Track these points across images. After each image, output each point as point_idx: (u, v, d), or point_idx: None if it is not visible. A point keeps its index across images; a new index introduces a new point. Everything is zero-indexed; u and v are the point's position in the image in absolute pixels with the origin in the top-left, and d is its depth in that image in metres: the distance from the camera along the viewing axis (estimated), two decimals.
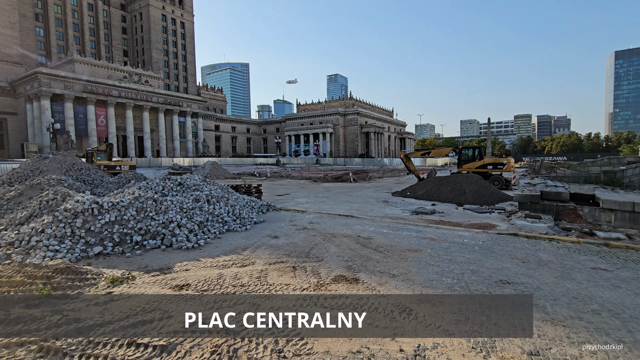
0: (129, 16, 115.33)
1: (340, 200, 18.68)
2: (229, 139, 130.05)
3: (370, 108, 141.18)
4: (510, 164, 24.18)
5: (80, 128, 73.62)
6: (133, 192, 10.46)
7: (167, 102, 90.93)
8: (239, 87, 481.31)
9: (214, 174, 36.42)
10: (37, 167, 20.03)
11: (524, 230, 10.97)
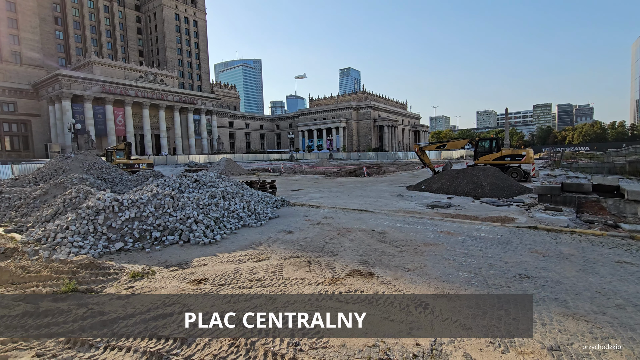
0: (143, 16, 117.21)
1: (354, 195, 18.63)
2: (242, 135, 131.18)
3: (383, 101, 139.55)
4: (529, 155, 23.51)
5: (99, 128, 75.67)
6: (151, 189, 10.72)
7: (182, 100, 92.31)
8: (252, 83, 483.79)
9: (229, 170, 36.88)
10: (60, 166, 20.76)
11: (543, 223, 10.69)
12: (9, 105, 75.82)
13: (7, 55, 79.07)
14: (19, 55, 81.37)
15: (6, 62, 78.56)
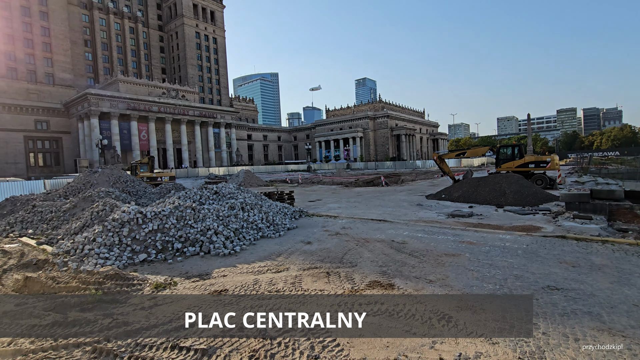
0: (165, 36, 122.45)
1: (372, 205, 18.46)
2: (260, 147, 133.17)
3: (400, 110, 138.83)
4: (554, 161, 22.66)
5: (125, 143, 78.72)
6: (173, 201, 11.00)
7: (203, 114, 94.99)
8: (269, 96, 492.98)
9: (248, 181, 37.39)
10: (88, 180, 21.67)
11: (572, 232, 10.23)
12: (42, 124, 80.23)
13: (41, 77, 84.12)
14: (52, 77, 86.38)
15: (40, 84, 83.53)
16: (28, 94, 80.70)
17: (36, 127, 79.08)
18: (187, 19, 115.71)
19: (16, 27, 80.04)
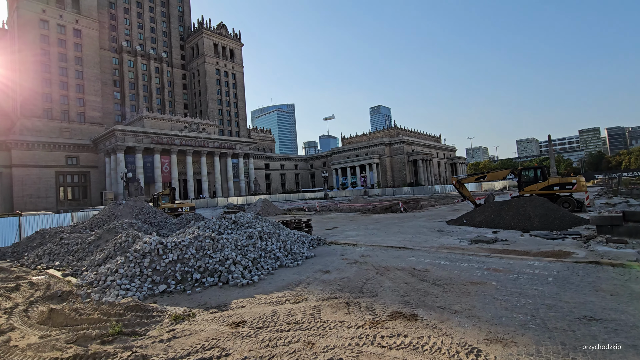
0: (188, 74, 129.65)
1: (391, 232, 18.10)
2: (278, 176, 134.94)
3: (416, 135, 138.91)
4: (580, 183, 21.80)
5: (148, 175, 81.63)
6: (193, 231, 11.15)
7: (222, 146, 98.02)
8: (286, 126, 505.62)
9: (265, 210, 37.62)
10: (112, 212, 22.38)
11: (607, 257, 9.63)
12: (72, 159, 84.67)
13: (74, 116, 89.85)
14: (83, 115, 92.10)
15: (72, 122, 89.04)
16: (61, 131, 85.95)
17: (67, 163, 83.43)
18: (208, 57, 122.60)
19: (53, 71, 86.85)
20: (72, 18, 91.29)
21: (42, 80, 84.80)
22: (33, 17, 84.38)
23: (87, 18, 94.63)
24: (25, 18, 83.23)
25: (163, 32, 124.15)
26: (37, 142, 78.87)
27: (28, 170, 77.09)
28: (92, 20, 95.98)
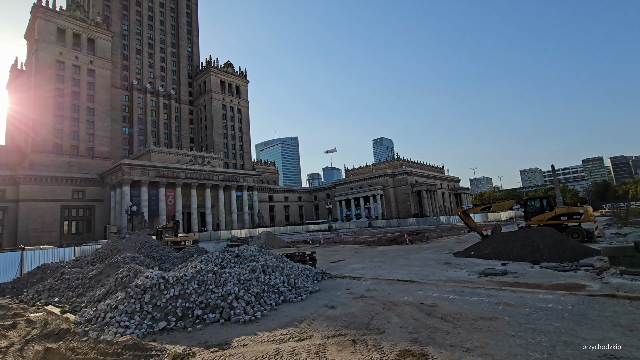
0: (195, 109, 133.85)
1: (397, 264, 17.69)
2: (282, 208, 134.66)
3: (419, 167, 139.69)
4: (587, 212, 21.46)
5: (152, 209, 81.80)
6: (195, 265, 10.99)
7: (226, 179, 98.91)
8: (290, 158, 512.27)
9: (269, 243, 37.17)
10: (115, 246, 22.23)
11: (623, 290, 9.27)
12: (78, 193, 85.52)
13: (82, 151, 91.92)
14: (92, 150, 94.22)
15: (81, 157, 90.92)
16: (69, 166, 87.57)
17: (73, 197, 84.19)
18: (214, 94, 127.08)
19: (66, 108, 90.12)
20: (87, 59, 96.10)
21: (55, 117, 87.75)
22: (50, 58, 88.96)
23: (101, 59, 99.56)
24: (43, 59, 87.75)
25: (172, 71, 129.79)
26: (46, 177, 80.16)
27: (34, 204, 77.74)
28: (106, 61, 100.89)
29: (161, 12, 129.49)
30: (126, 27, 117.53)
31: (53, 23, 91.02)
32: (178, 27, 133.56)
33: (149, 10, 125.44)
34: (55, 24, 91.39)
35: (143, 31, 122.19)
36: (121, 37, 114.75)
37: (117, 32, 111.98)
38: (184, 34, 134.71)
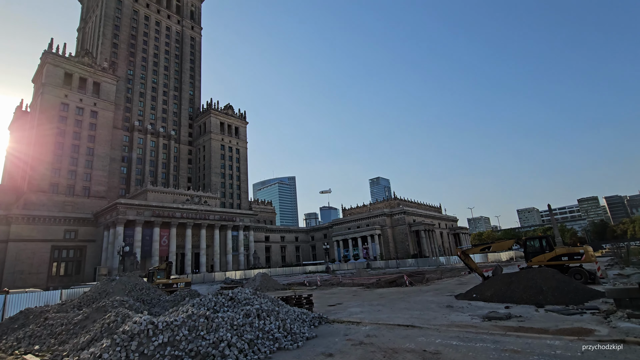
0: (194, 149, 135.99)
1: (397, 308, 17.05)
2: (278, 248, 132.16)
3: (416, 206, 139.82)
4: (588, 253, 21.22)
5: (145, 249, 79.94)
6: (187, 309, 10.53)
7: (223, 218, 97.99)
8: (287, 198, 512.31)
9: (265, 285, 36.02)
10: (104, 289, 21.40)
11: (633, 335, 8.91)
12: (71, 233, 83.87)
13: (79, 190, 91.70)
14: (89, 190, 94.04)
15: (77, 196, 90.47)
16: (64, 205, 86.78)
17: (64, 237, 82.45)
18: (214, 134, 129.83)
19: (66, 148, 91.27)
20: (91, 101, 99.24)
21: (54, 156, 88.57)
22: (55, 100, 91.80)
23: (105, 101, 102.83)
24: (48, 101, 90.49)
25: (174, 113, 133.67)
26: (39, 216, 79.05)
27: (24, 244, 75.86)
28: (109, 103, 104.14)
29: (166, 59, 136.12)
30: (131, 71, 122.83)
31: (61, 68, 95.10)
32: (182, 72, 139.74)
33: (154, 57, 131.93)
34: (63, 69, 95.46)
35: (147, 75, 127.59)
36: (126, 80, 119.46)
37: (122, 76, 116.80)
38: (186, 78, 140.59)
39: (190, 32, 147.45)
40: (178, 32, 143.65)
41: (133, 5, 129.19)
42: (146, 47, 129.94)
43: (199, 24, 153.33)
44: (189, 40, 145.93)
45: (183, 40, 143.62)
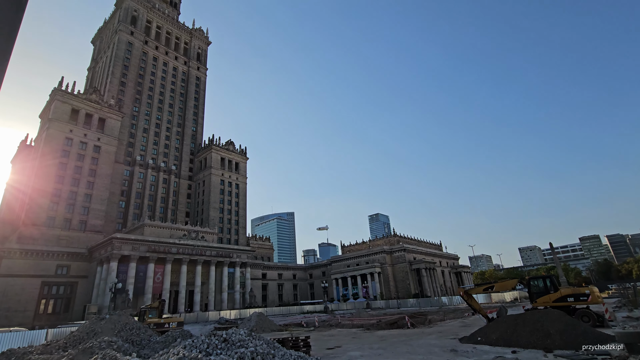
0: (194, 184, 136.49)
1: (399, 352, 16.24)
2: (275, 286, 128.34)
3: (416, 243, 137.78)
4: (594, 293, 20.61)
5: (138, 286, 77.44)
6: (177, 352, 10.04)
7: (219, 254, 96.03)
8: (285, 234, 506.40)
9: (260, 326, 34.58)
10: (92, 329, 20.48)
11: None
12: (63, 269, 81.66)
13: (75, 224, 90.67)
14: (85, 224, 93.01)
15: (72, 230, 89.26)
16: (59, 240, 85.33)
17: (56, 272, 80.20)
18: (214, 169, 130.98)
19: (66, 182, 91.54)
20: (95, 137, 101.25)
21: (54, 189, 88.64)
22: (60, 135, 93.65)
23: (109, 137, 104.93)
24: (53, 135, 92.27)
25: (176, 148, 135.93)
26: (32, 251, 77.51)
27: (13, 280, 73.63)
28: (113, 139, 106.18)
29: (171, 97, 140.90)
30: (137, 108, 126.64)
31: (69, 104, 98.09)
32: (185, 109, 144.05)
33: (160, 95, 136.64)
34: (71, 105, 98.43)
35: (152, 112, 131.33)
36: (131, 117, 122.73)
37: (127, 113, 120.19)
38: (190, 115, 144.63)
39: (196, 72, 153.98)
40: (184, 72, 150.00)
41: (143, 47, 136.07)
42: (152, 86, 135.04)
43: (204, 65, 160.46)
44: (194, 79, 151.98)
45: (188, 80, 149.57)
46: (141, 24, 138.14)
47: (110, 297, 57.78)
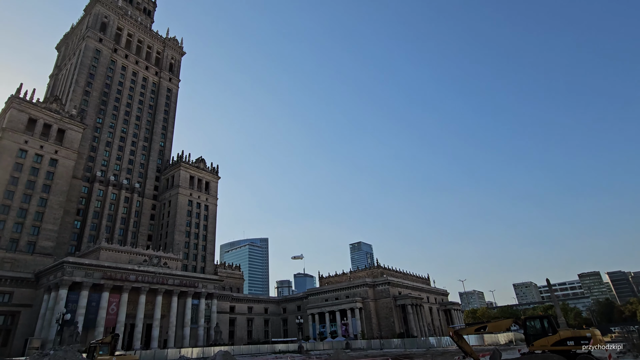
0: (158, 204, 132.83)
1: None
2: (244, 321, 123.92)
3: (402, 276, 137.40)
4: (596, 337, 20.88)
5: (89, 318, 73.11)
6: None
7: (183, 283, 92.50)
8: (258, 262, 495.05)
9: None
10: None
11: None
12: (4, 296, 76.25)
13: (22, 245, 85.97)
14: (34, 245, 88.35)
15: (19, 252, 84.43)
16: (2, 262, 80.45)
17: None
18: (182, 188, 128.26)
19: (16, 198, 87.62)
20: (52, 149, 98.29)
21: (1, 207, 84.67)
22: (14, 146, 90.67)
23: (68, 149, 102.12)
24: (5, 147, 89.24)
25: (141, 164, 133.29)
26: None
27: None
28: (72, 152, 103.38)
29: (139, 109, 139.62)
30: (100, 120, 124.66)
31: (26, 113, 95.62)
32: (154, 122, 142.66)
33: (127, 106, 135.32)
34: (28, 114, 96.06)
35: (117, 124, 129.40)
36: (93, 129, 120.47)
37: (90, 124, 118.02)
38: (158, 129, 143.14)
39: (167, 83, 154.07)
40: (155, 83, 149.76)
41: (112, 55, 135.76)
42: (119, 96, 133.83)
43: (177, 76, 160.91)
44: (165, 91, 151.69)
45: (159, 91, 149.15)
46: (111, 31, 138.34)
47: (57, 329, 54.26)
